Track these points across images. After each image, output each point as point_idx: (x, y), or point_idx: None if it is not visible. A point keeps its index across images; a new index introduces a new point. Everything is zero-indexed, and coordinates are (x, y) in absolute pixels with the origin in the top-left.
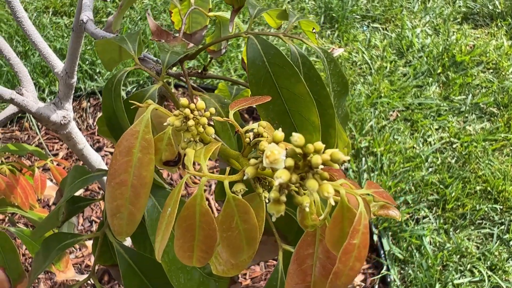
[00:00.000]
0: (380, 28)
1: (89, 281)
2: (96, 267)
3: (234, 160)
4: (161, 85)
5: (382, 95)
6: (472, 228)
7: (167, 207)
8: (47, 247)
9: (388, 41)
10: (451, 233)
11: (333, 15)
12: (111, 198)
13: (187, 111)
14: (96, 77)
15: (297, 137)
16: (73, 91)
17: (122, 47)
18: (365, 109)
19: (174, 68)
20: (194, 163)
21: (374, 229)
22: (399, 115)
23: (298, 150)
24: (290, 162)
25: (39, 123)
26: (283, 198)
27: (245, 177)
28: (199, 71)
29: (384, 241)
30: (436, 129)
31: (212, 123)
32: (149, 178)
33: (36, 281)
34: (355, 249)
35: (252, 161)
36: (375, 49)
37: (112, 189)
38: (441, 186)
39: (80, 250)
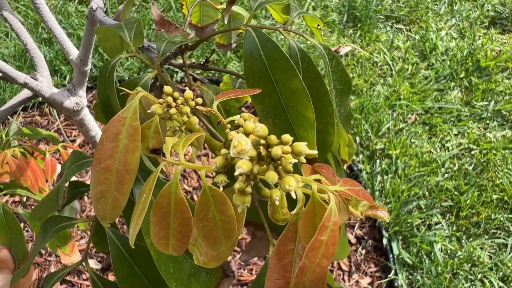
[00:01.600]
0: (404, 29)
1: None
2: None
3: (217, 151)
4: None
5: (402, 97)
6: (486, 237)
7: (142, 194)
8: (45, 229)
9: (411, 42)
10: (463, 241)
11: (357, 14)
12: (96, 183)
13: (169, 99)
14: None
15: (260, 128)
16: (87, 78)
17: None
18: (382, 110)
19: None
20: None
21: (384, 233)
22: (417, 118)
23: (262, 141)
24: (252, 152)
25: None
26: (248, 189)
27: (213, 167)
28: (201, 62)
29: (394, 245)
30: (455, 135)
31: (203, 114)
32: (135, 165)
33: (48, 263)
34: (322, 245)
35: (223, 151)
36: (397, 51)
37: (97, 174)
38: (456, 192)
39: None
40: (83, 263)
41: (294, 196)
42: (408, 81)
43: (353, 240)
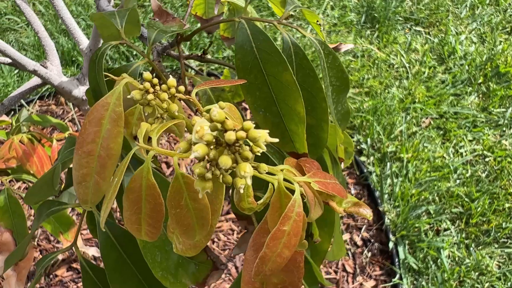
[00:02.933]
0: (423, 32)
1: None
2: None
3: None
4: (158, 64)
5: (417, 100)
6: (496, 246)
7: (114, 178)
8: (39, 213)
9: (430, 45)
10: (472, 249)
11: (375, 15)
12: (78, 166)
13: (147, 84)
14: (132, 59)
15: (216, 112)
16: None
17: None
18: (396, 113)
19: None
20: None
21: (391, 236)
22: (432, 122)
23: (219, 126)
24: (209, 137)
25: None
26: (209, 175)
27: (177, 151)
28: (199, 54)
29: (400, 249)
30: (470, 141)
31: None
32: (117, 150)
33: (56, 249)
34: (284, 235)
35: (188, 136)
36: (414, 53)
37: (79, 157)
38: (467, 199)
39: None
40: (73, 248)
41: (249, 183)
42: (424, 84)
43: (359, 242)
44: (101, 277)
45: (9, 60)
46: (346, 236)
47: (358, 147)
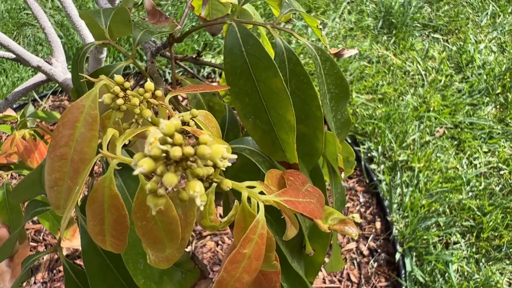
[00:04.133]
0: (441, 39)
1: None
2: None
3: None
4: (151, 65)
5: (431, 109)
6: (507, 262)
7: (76, 186)
8: (28, 211)
9: (448, 53)
10: (482, 264)
11: (393, 20)
12: (50, 170)
13: (116, 88)
14: (145, 58)
15: (165, 124)
16: (102, 66)
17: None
18: (409, 121)
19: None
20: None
21: (398, 247)
22: (446, 132)
23: (169, 139)
24: (156, 151)
25: None
26: (161, 191)
27: (132, 163)
28: (193, 56)
29: (407, 261)
30: (485, 152)
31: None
32: (90, 155)
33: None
34: (244, 259)
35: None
36: (431, 61)
37: (51, 160)
38: (478, 213)
39: None
40: (57, 250)
41: (198, 204)
42: (440, 93)
43: (366, 252)
44: (85, 281)
45: (13, 56)
46: (352, 245)
47: (368, 155)
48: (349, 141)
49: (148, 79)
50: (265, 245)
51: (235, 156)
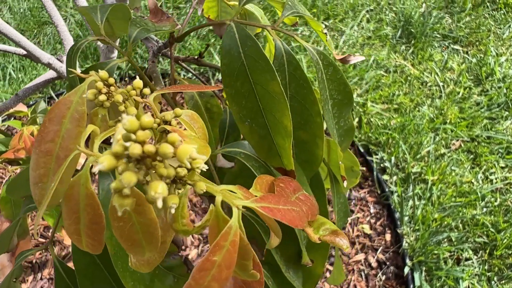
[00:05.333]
0: (461, 51)
1: None
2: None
3: None
4: (151, 65)
5: (448, 121)
6: None
7: (52, 183)
8: (23, 206)
9: (467, 65)
10: (494, 282)
11: (412, 30)
12: (35, 166)
13: (99, 84)
14: (160, 59)
15: (127, 120)
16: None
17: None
18: (424, 132)
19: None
20: None
21: (407, 261)
22: (462, 145)
23: (133, 136)
24: (118, 148)
25: None
26: (127, 191)
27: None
28: (195, 57)
29: (416, 275)
30: (502, 168)
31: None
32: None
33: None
34: (214, 267)
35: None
36: (450, 72)
37: (36, 156)
38: (492, 229)
39: None
40: (48, 247)
41: (159, 206)
42: (458, 105)
43: (374, 264)
44: (75, 280)
45: (24, 52)
46: (360, 256)
47: (381, 165)
48: (362, 150)
49: (137, 77)
50: (237, 253)
51: (204, 158)
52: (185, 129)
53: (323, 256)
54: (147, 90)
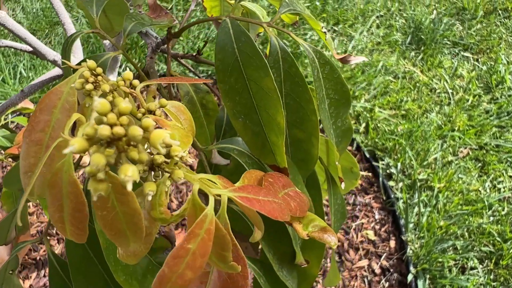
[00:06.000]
0: (471, 58)
1: None
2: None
3: None
4: (149, 60)
5: (456, 128)
6: None
7: (38, 169)
8: (19, 199)
9: (477, 73)
10: None
11: (422, 36)
12: (25, 155)
13: (86, 73)
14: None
15: (99, 102)
16: (119, 64)
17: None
18: (432, 139)
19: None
20: None
21: (411, 268)
22: (470, 153)
23: (104, 119)
24: (89, 130)
25: None
26: (101, 175)
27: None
28: (193, 54)
29: (420, 283)
30: (510, 176)
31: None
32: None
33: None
34: (188, 254)
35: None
36: (459, 79)
37: (27, 146)
38: (499, 239)
39: None
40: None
41: (129, 189)
42: (467, 112)
43: (378, 270)
44: (69, 274)
45: (30, 48)
46: (364, 263)
47: (387, 171)
48: (368, 156)
49: (127, 69)
50: (211, 241)
51: (177, 143)
52: (170, 120)
53: (318, 256)
54: (136, 82)
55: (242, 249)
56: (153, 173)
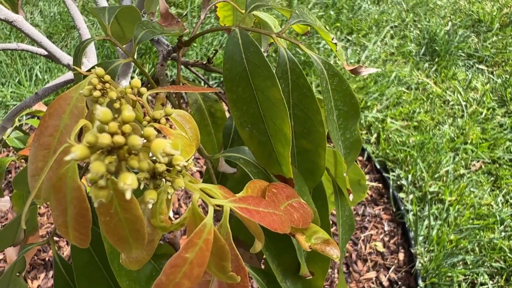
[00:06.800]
0: (486, 71)
1: None
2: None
3: None
4: (160, 68)
5: (469, 141)
6: None
7: (44, 173)
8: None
9: (492, 85)
10: None
11: (436, 48)
12: (33, 158)
13: (94, 80)
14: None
15: (100, 111)
16: (131, 70)
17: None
18: (444, 152)
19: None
20: None
21: (420, 282)
22: (483, 166)
23: (106, 128)
24: (91, 138)
25: None
26: (102, 182)
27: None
28: (204, 62)
29: None
30: None
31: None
32: None
33: None
34: (186, 264)
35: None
36: (473, 92)
37: (35, 149)
38: (510, 254)
39: None
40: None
41: (128, 197)
42: (480, 126)
43: (386, 283)
44: (73, 277)
45: (45, 52)
46: (372, 274)
47: (398, 183)
48: (378, 166)
49: (136, 76)
50: (209, 251)
51: (177, 152)
52: (175, 128)
53: (323, 268)
54: (143, 90)
55: (247, 258)
56: (155, 181)
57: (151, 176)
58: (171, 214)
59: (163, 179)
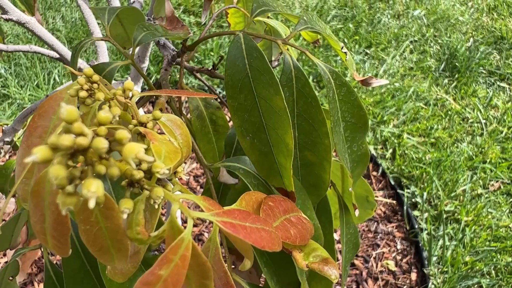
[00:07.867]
0: (507, 89)
1: None
2: None
3: None
4: (164, 73)
5: (488, 160)
6: None
7: (21, 177)
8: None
9: None
10: None
11: (456, 64)
12: (20, 160)
13: (81, 80)
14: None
15: (65, 110)
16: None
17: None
18: (461, 170)
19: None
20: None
21: None
22: (501, 187)
23: (70, 128)
24: (53, 139)
25: None
26: (70, 188)
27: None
28: (209, 68)
29: None
30: None
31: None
32: None
33: None
34: (159, 282)
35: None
36: (494, 110)
37: (23, 151)
38: None
39: None
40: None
41: (91, 206)
42: (500, 145)
43: None
44: (63, 285)
45: (57, 55)
46: None
47: (412, 200)
48: (393, 183)
49: (129, 78)
50: (186, 269)
51: (150, 159)
52: (162, 133)
53: (327, 286)
54: (135, 92)
55: (246, 274)
56: (132, 189)
57: (128, 184)
58: (179, 222)
59: (140, 187)
